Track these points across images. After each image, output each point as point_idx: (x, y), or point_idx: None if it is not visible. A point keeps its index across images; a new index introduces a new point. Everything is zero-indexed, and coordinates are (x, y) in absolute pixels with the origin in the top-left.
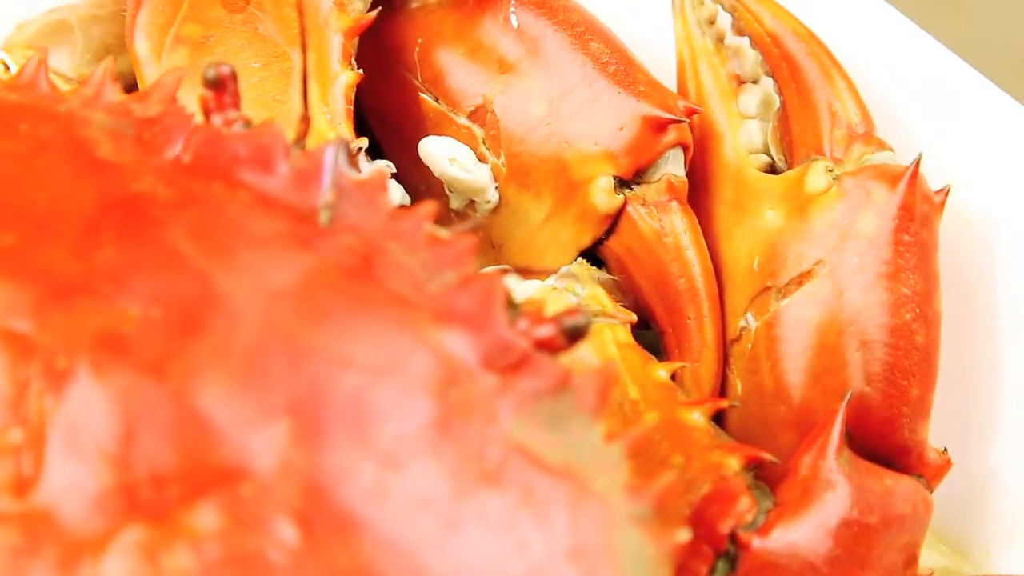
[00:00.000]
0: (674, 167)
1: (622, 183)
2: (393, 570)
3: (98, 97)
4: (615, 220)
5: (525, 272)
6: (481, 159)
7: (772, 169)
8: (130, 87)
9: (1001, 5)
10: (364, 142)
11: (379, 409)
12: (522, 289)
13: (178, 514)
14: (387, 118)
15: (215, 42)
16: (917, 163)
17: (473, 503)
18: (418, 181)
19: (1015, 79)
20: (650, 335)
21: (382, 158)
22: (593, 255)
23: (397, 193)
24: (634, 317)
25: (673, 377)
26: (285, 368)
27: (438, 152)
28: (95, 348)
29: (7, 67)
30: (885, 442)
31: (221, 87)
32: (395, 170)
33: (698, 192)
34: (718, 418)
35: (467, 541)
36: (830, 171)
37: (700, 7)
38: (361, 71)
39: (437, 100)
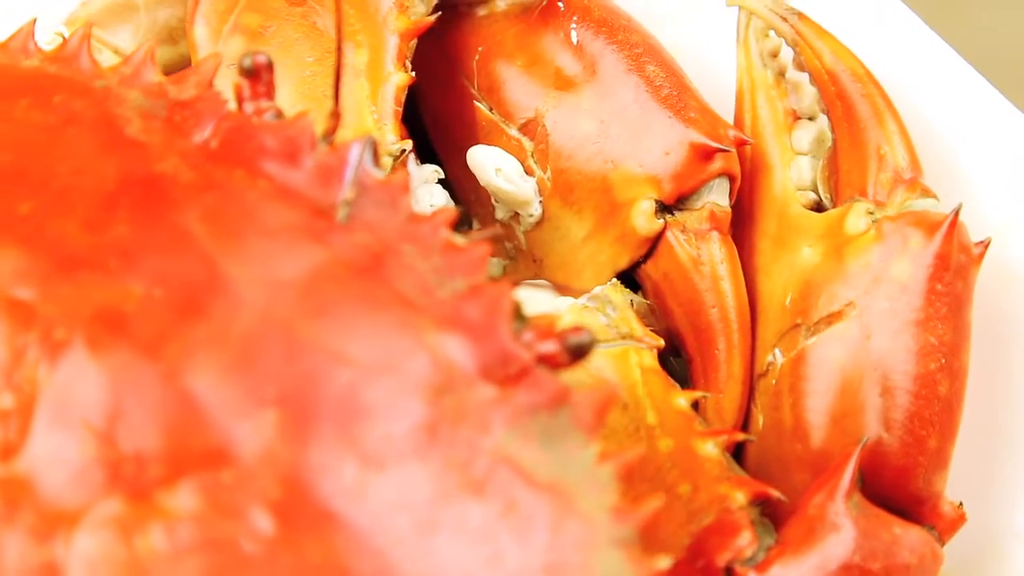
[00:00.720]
0: (718, 196)
1: (664, 208)
2: (364, 569)
3: (136, 76)
4: (654, 244)
5: (563, 289)
6: (528, 172)
7: (819, 207)
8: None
9: (1001, 6)
10: (408, 144)
11: (369, 408)
12: (554, 305)
13: (156, 494)
14: (442, 123)
15: (272, 33)
16: (956, 213)
17: (452, 510)
18: (468, 188)
19: (1015, 81)
20: (682, 363)
21: (435, 162)
22: (631, 278)
23: (441, 198)
24: (661, 342)
25: (697, 406)
26: (280, 358)
27: (485, 161)
28: (94, 323)
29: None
30: (899, 490)
31: (256, 76)
32: (443, 175)
33: (743, 224)
34: (738, 451)
35: (441, 547)
36: (870, 213)
37: (764, 39)
38: (414, 74)
39: (491, 110)
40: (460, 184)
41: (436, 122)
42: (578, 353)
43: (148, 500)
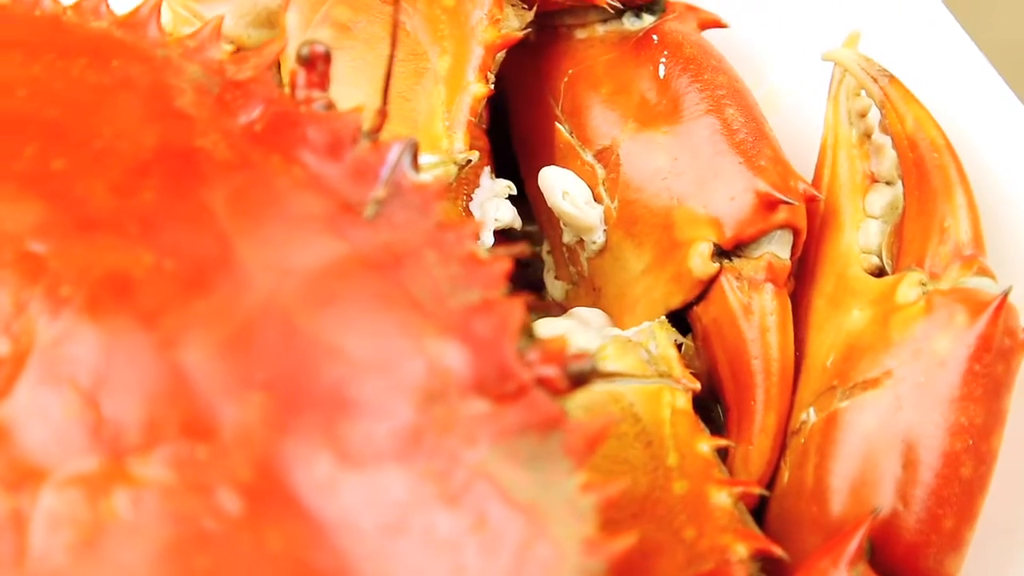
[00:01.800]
0: (778, 248)
1: (722, 252)
2: (322, 564)
3: (199, 50)
4: (707, 287)
5: (617, 320)
6: (597, 199)
7: (880, 272)
8: None
9: (1009, 4)
10: (475, 155)
11: (356, 405)
12: (599, 335)
13: (129, 460)
14: (526, 139)
15: (360, 29)
16: (1005, 295)
17: (422, 517)
18: (543, 208)
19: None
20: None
21: (517, 175)
22: (684, 319)
23: (507, 213)
24: (698, 385)
25: (727, 454)
26: (275, 345)
27: (554, 183)
28: (100, 285)
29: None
30: (908, 567)
31: (311, 65)
32: (515, 191)
33: (804, 280)
34: (763, 505)
35: (404, 553)
36: (923, 285)
37: (855, 98)
38: (492, 86)
39: (571, 133)
40: (537, 204)
41: (521, 138)
42: (578, 380)
43: (120, 465)
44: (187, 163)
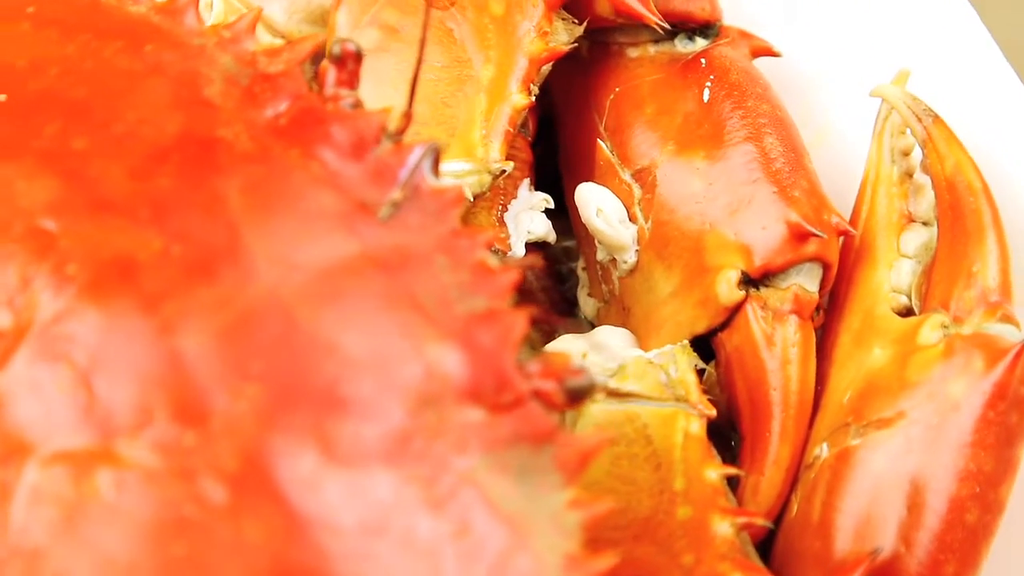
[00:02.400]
0: (806, 280)
1: (749, 280)
2: (299, 559)
3: (234, 42)
4: (732, 315)
5: (643, 342)
6: (632, 219)
7: (908, 312)
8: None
9: (1003, 5)
10: (510, 165)
11: (348, 403)
12: (622, 354)
13: (117, 441)
14: (570, 153)
15: (407, 32)
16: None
17: (404, 520)
18: (580, 224)
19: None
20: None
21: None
22: (708, 345)
23: (541, 226)
24: (713, 412)
25: (738, 483)
26: (274, 338)
27: (589, 199)
28: (106, 266)
29: (210, 6)
30: None
31: (342, 64)
32: (552, 205)
33: (834, 314)
34: (770, 536)
35: (382, 554)
36: (945, 328)
37: (900, 136)
38: (535, 98)
39: (612, 151)
40: (576, 219)
41: (565, 152)
42: (575, 396)
43: (107, 446)
44: (206, 152)
